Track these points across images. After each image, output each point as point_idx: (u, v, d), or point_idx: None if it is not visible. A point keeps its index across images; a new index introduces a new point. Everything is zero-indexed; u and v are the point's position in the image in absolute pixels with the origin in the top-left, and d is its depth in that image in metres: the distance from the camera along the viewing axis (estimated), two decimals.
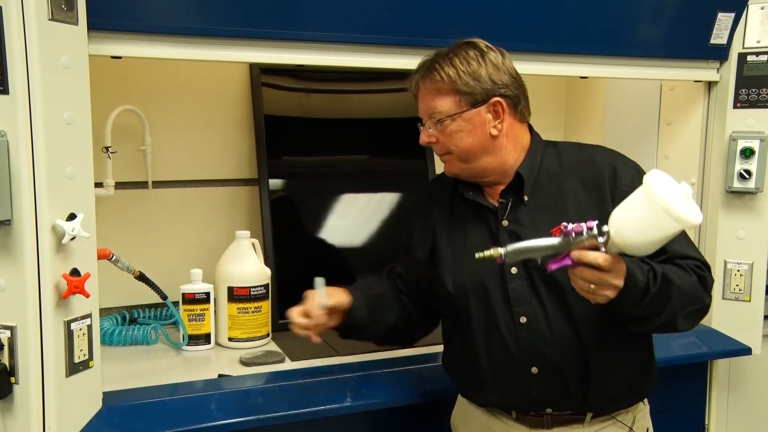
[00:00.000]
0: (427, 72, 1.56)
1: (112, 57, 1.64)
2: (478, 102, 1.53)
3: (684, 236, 1.52)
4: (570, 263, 1.32)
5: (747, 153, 2.21)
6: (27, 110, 1.39)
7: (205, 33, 1.71)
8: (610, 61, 2.16)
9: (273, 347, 2.06)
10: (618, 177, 1.53)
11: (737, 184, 2.24)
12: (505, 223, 1.56)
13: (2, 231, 1.41)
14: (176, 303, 2.04)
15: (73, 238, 1.46)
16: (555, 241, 1.32)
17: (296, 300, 1.58)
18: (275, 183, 2.34)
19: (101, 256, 1.68)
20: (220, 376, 1.82)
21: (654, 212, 1.24)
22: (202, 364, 1.97)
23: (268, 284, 2.12)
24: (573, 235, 1.30)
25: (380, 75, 2.45)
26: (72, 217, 1.47)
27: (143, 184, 2.27)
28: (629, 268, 1.34)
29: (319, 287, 1.55)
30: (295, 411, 1.71)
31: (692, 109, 2.39)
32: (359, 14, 1.83)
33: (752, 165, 2.22)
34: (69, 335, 1.50)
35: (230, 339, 2.08)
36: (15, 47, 1.37)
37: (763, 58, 2.23)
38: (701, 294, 1.48)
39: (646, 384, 1.64)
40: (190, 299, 2.03)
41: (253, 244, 2.14)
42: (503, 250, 1.34)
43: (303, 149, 2.42)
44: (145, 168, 2.25)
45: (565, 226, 1.31)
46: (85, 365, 1.54)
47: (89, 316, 1.55)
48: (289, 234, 2.35)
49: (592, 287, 1.32)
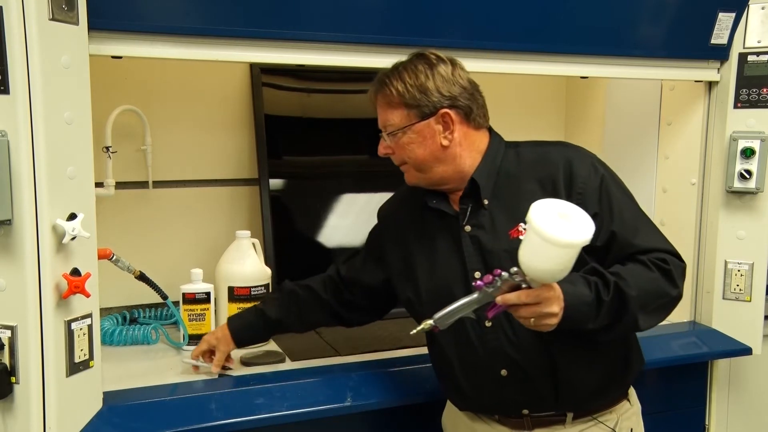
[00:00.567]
0: (380, 86, 1.59)
1: (113, 57, 1.64)
2: (427, 114, 1.55)
3: (646, 227, 1.54)
4: (503, 308, 1.37)
5: (747, 153, 2.21)
6: (27, 110, 1.39)
7: (206, 33, 1.70)
8: (611, 61, 2.16)
9: (273, 347, 2.05)
10: (574, 175, 1.53)
11: (738, 184, 2.24)
12: (468, 229, 1.58)
13: (2, 231, 1.41)
14: (177, 303, 2.04)
15: (74, 238, 1.45)
16: (474, 297, 1.38)
17: None
18: (275, 183, 2.34)
19: (101, 256, 1.68)
20: (221, 376, 1.82)
21: (544, 245, 1.28)
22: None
23: (269, 284, 2.12)
24: (486, 287, 1.36)
25: None
26: (72, 217, 1.47)
27: (144, 184, 2.27)
28: (565, 291, 1.36)
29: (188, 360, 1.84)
30: (295, 411, 1.71)
31: (693, 109, 2.38)
32: (360, 14, 1.84)
33: (753, 165, 2.22)
34: (69, 335, 1.50)
35: None
36: (15, 47, 1.37)
37: (764, 58, 2.23)
38: (665, 288, 1.48)
39: (624, 382, 1.63)
40: (191, 299, 2.03)
41: (254, 244, 2.15)
42: (431, 321, 1.40)
43: (303, 149, 2.42)
44: (146, 168, 2.25)
45: (479, 279, 1.39)
46: (86, 365, 1.54)
47: (89, 316, 1.55)
48: (290, 234, 2.35)
49: (532, 321, 1.35)
